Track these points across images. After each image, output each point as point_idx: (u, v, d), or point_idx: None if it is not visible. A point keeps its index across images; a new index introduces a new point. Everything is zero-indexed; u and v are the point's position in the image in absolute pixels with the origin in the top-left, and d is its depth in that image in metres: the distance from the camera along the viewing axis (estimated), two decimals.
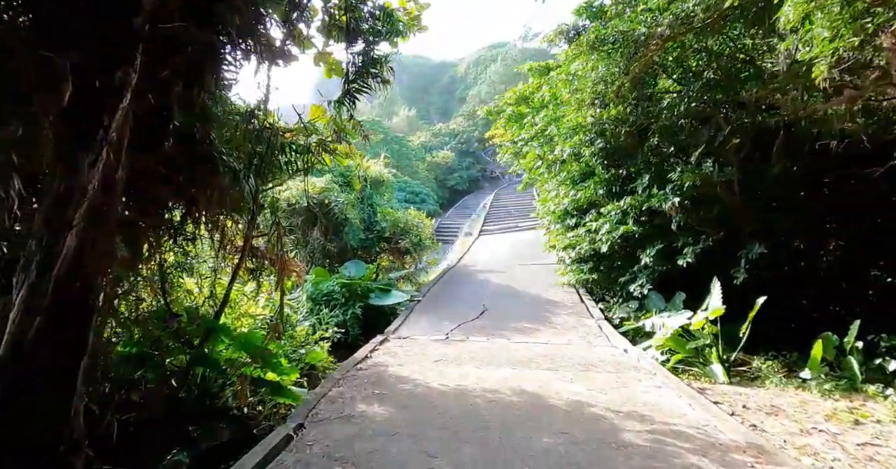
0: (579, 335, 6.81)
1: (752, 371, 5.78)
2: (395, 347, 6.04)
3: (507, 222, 22.42)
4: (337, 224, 10.41)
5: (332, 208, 10.00)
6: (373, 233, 11.88)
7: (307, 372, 6.45)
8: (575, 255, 8.79)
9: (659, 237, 7.12)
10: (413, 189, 26.44)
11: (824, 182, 6.27)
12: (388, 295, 9.33)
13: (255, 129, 3.80)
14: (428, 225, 13.75)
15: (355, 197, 11.26)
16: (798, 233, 6.25)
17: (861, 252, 6.16)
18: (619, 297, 8.43)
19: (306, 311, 8.30)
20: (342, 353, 8.05)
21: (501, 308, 8.87)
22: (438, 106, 63.88)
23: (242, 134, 3.63)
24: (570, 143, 7.03)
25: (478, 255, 16.30)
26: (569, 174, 8.53)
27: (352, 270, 10.12)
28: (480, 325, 7.57)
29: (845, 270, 6.14)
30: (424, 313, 8.83)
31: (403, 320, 8.35)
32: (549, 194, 9.62)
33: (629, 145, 7.07)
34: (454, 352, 5.69)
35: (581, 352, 5.62)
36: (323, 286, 8.79)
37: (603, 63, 5.51)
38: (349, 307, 8.63)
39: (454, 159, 38.29)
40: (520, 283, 11.16)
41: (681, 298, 7.16)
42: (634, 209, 6.97)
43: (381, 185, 12.91)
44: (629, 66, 5.03)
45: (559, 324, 7.55)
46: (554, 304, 9.07)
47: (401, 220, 12.11)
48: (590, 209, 8.50)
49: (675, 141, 6.48)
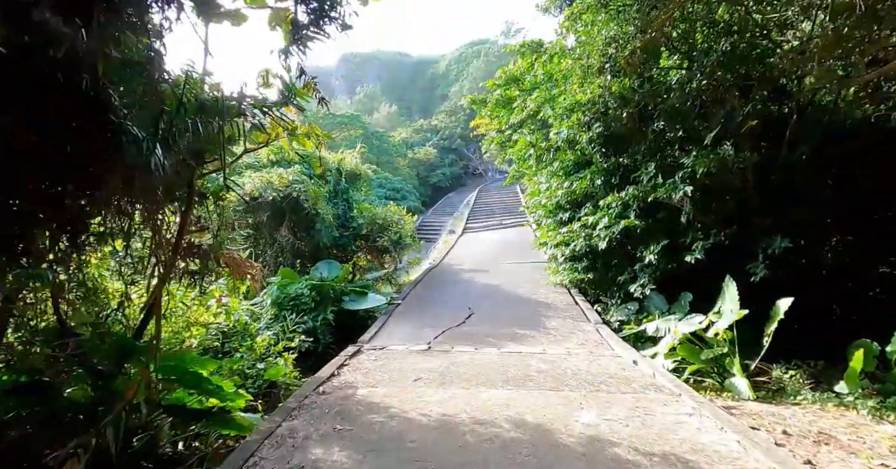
0: (578, 342, 6.06)
1: (773, 383, 5.12)
2: (369, 361, 5.18)
3: (491, 219, 21.69)
4: (307, 220, 9.45)
5: (301, 202, 9.04)
6: (348, 230, 10.95)
7: (267, 390, 5.56)
8: (569, 253, 8.06)
9: (664, 232, 6.42)
10: (394, 185, 25.51)
11: (848, 169, 5.66)
12: (364, 298, 8.45)
13: (164, 83, 2.89)
14: (409, 221, 12.88)
15: (328, 190, 10.31)
16: (821, 225, 5.62)
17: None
18: (618, 299, 7.73)
19: (270, 318, 7.37)
20: (312, 364, 7.17)
21: (489, 311, 8.08)
22: (420, 103, 63.04)
23: (143, 88, 2.71)
24: (566, 123, 6.25)
25: (462, 254, 15.51)
26: (562, 164, 7.79)
27: (324, 271, 9.19)
28: (467, 332, 6.76)
29: (874, 267, 5.55)
30: (405, 318, 7.98)
31: (381, 326, 7.48)
32: (540, 186, 8.87)
33: (630, 131, 6.35)
34: (438, 366, 4.86)
35: (584, 364, 4.85)
36: (290, 289, 7.86)
37: (614, 22, 4.74)
38: (320, 312, 7.74)
39: (436, 156, 37.42)
40: (508, 283, 10.40)
41: (687, 299, 6.48)
42: (637, 201, 6.25)
43: (358, 178, 11.99)
44: (647, 24, 4.27)
45: (554, 329, 6.80)
46: (546, 306, 8.32)
47: (379, 215, 11.21)
48: (585, 202, 7.78)
49: (684, 124, 5.78)
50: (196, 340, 6.14)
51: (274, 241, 9.38)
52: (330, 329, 7.71)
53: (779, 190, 5.77)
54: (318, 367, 6.06)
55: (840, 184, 5.78)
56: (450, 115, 44.23)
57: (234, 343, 6.19)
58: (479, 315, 7.88)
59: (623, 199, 6.33)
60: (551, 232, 8.72)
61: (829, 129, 5.74)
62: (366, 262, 12.59)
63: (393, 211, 12.07)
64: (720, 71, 5.27)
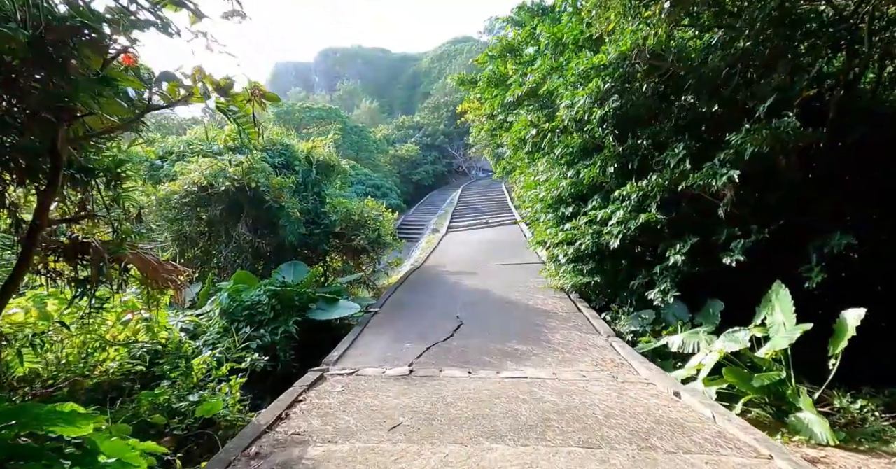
0: (593, 362, 4.97)
1: (838, 414, 4.12)
2: (332, 395, 3.98)
3: (477, 218, 20.61)
4: (270, 215, 8.16)
5: (261, 194, 7.75)
6: (319, 227, 9.68)
7: (199, 431, 4.32)
8: (572, 253, 6.99)
9: (692, 228, 5.40)
10: (374, 182, 24.22)
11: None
12: (334, 306, 7.22)
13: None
14: (389, 218, 11.66)
15: (295, 181, 9.03)
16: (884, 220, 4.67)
17: None
18: (629, 306, 6.69)
19: (218, 332, 6.09)
20: (270, 387, 5.97)
21: (481, 321, 6.95)
22: (401, 101, 61.80)
23: None
24: (581, 91, 5.15)
25: (447, 254, 14.35)
26: (566, 150, 6.71)
27: (288, 275, 7.92)
28: (456, 348, 5.61)
29: None
30: (382, 329, 6.78)
31: (354, 340, 6.28)
32: (539, 177, 7.78)
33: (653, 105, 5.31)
34: (422, 402, 3.70)
35: (613, 397, 3.75)
36: (245, 296, 6.59)
37: None
38: (281, 324, 6.50)
39: (419, 153, 36.22)
40: (499, 287, 9.29)
41: (717, 308, 5.47)
42: (661, 191, 5.21)
43: (332, 169, 10.71)
44: None
45: (560, 344, 5.70)
46: (545, 314, 7.23)
47: (355, 211, 9.97)
48: (593, 194, 6.72)
49: (721, 96, 4.75)
50: (116, 363, 4.87)
51: (230, 240, 8.05)
52: (293, 344, 6.49)
53: (831, 178, 4.80)
54: (278, 391, 4.89)
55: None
56: (433, 111, 43.12)
57: (165, 366, 4.94)
58: (470, 325, 6.75)
59: (644, 189, 5.28)
60: (550, 229, 7.65)
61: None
62: (341, 263, 11.34)
63: (371, 206, 10.84)
64: (771, 29, 4.24)
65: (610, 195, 6.35)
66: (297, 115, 27.39)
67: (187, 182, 7.14)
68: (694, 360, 4.92)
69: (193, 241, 8.31)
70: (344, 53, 73.81)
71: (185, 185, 7.13)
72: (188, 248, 8.43)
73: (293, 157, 9.61)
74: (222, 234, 8.13)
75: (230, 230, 8.11)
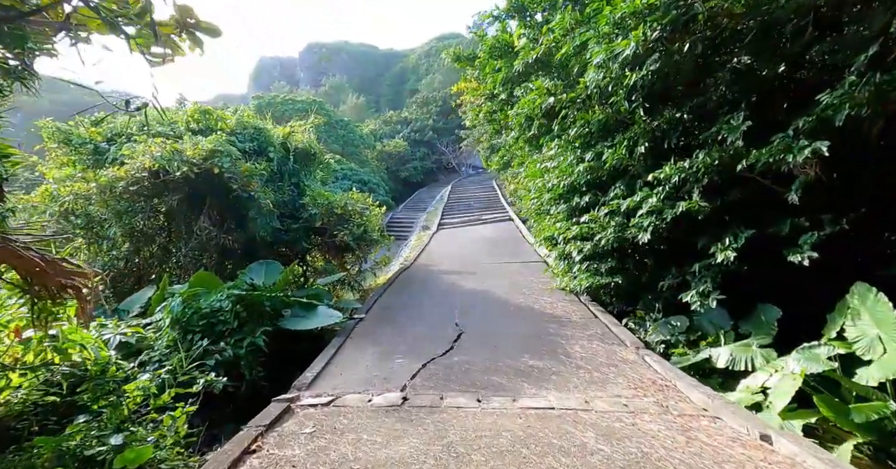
0: (629, 383, 4.01)
1: None
2: (299, 440, 2.95)
3: (469, 214, 19.62)
4: (237, 207, 7.06)
5: (227, 182, 6.64)
6: (297, 221, 8.58)
7: None
8: (589, 250, 6.03)
9: (744, 219, 4.47)
10: (360, 177, 23.10)
11: None
12: (312, 313, 6.16)
13: None
14: (377, 213, 10.59)
15: (269, 169, 7.92)
16: None
17: None
18: (656, 312, 5.76)
19: (166, 347, 5.01)
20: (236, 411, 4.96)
21: (484, 329, 5.96)
22: (389, 97, 60.74)
23: None
24: (624, 42, 4.11)
25: (439, 252, 13.34)
26: (582, 130, 5.74)
27: (259, 275, 6.83)
28: (458, 366, 4.61)
29: None
30: (368, 340, 5.75)
31: (333, 355, 5.25)
32: (546, 164, 6.81)
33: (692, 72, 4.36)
34: (421, 454, 2.69)
35: (679, 445, 2.79)
36: (203, 302, 5.50)
37: None
38: (246, 335, 5.44)
39: (407, 149, 35.10)
40: (500, 287, 8.31)
41: (772, 316, 4.55)
42: (709, 173, 4.27)
43: (312, 158, 9.61)
44: None
45: (583, 358, 4.74)
46: (557, 320, 6.27)
47: (337, 204, 8.88)
48: (614, 181, 5.77)
49: (789, 53, 3.82)
50: (23, 393, 3.80)
51: (191, 236, 6.92)
52: (261, 358, 5.43)
53: None
54: (242, 416, 3.93)
55: None
56: (421, 106, 42.05)
57: (87, 396, 3.87)
58: (471, 335, 5.75)
59: (687, 171, 4.33)
60: (561, 223, 6.68)
61: None
62: (323, 262, 10.24)
63: (356, 199, 9.76)
64: None
65: (636, 181, 5.42)
66: (278, 107, 26.08)
67: (135, 167, 6.00)
68: (751, 380, 3.99)
69: (150, 238, 7.16)
70: (330, 49, 72.38)
71: (133, 170, 5.99)
72: (143, 245, 7.28)
73: (267, 142, 8.49)
74: (182, 229, 7.00)
75: (191, 223, 6.97)
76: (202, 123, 7.84)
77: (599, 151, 5.69)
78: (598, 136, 5.74)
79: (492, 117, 8.62)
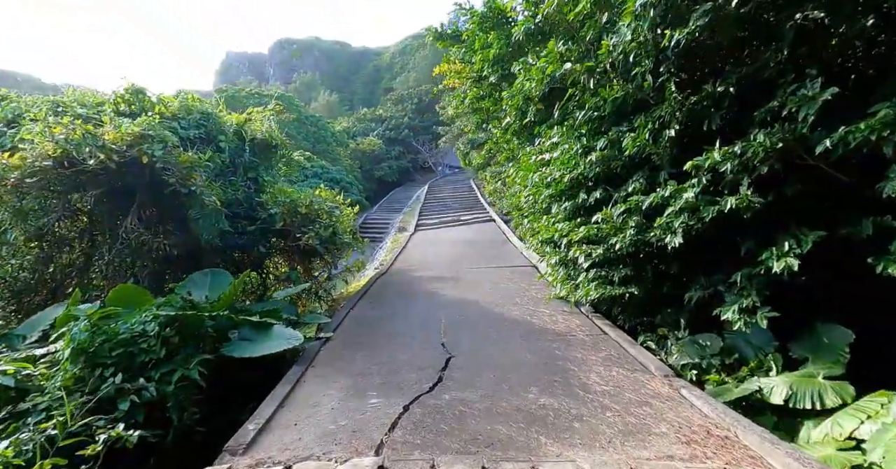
0: (676, 434, 3.06)
1: None
2: None
3: (448, 215, 18.62)
4: (176, 205, 5.82)
5: (160, 174, 5.41)
6: (255, 222, 7.36)
7: None
8: (599, 255, 5.10)
9: (803, 216, 3.61)
10: (332, 176, 21.78)
11: None
12: (264, 335, 5.00)
13: None
14: (349, 213, 9.45)
15: (217, 160, 6.70)
16: None
17: None
18: (682, 328, 4.88)
19: (60, 388, 3.79)
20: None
21: (476, 352, 4.94)
22: (362, 96, 59.43)
23: None
24: None
25: (417, 256, 12.27)
26: (593, 113, 4.82)
27: (201, 287, 5.62)
28: (450, 408, 3.56)
29: None
30: (335, 370, 4.65)
31: (288, 394, 4.12)
32: (544, 156, 5.87)
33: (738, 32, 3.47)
34: None
35: None
36: (121, 326, 4.30)
37: None
38: (177, 366, 4.26)
39: (382, 147, 33.84)
40: (489, 297, 7.32)
41: (842, 339, 3.70)
42: (768, 159, 3.38)
43: (273, 150, 8.40)
44: None
45: (605, 393, 3.78)
46: (561, 338, 5.32)
47: (302, 202, 7.70)
48: (631, 174, 4.85)
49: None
50: None
51: (116, 239, 5.65)
52: (197, 395, 4.27)
53: None
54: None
55: None
56: (397, 103, 40.91)
57: None
58: (462, 359, 4.73)
59: (740, 158, 3.43)
60: (563, 224, 5.73)
61: None
62: (287, 268, 9.01)
63: (324, 196, 8.60)
64: None
65: (659, 173, 4.52)
66: (243, 101, 24.43)
67: (34, 154, 4.71)
68: (831, 427, 3.12)
69: (62, 243, 5.84)
70: (300, 45, 70.43)
71: (31, 158, 4.71)
72: (57, 252, 5.95)
73: (218, 130, 7.25)
74: (104, 230, 5.72)
75: (116, 224, 5.70)
76: (135, 106, 6.54)
77: (613, 138, 4.77)
78: (611, 121, 4.82)
79: (478, 105, 7.62)
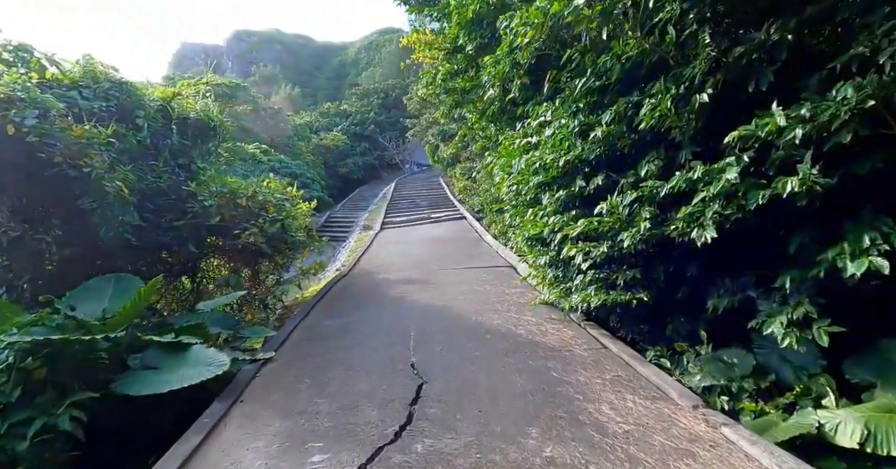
0: None
1: None
2: None
3: (416, 213, 17.55)
4: (65, 191, 4.52)
5: (39, 151, 4.12)
6: (184, 216, 6.08)
7: None
8: (601, 254, 4.20)
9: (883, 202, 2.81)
10: (292, 170, 20.29)
11: None
12: (178, 361, 3.82)
13: None
14: (304, 208, 8.24)
15: (132, 137, 5.40)
16: None
17: None
18: (702, 343, 4.03)
19: None
20: None
21: (455, 375, 3.94)
22: (326, 91, 57.54)
23: None
24: None
25: (383, 256, 11.16)
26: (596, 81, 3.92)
27: (100, 298, 4.35)
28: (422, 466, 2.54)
29: None
30: (269, 410, 3.53)
31: (193, 452, 2.98)
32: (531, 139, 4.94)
33: None
34: None
35: None
36: None
37: None
38: (38, 413, 3.05)
39: (346, 143, 32.34)
40: (465, 302, 6.33)
41: None
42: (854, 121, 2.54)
43: (212, 134, 7.11)
44: None
45: (631, 438, 2.86)
46: (556, 355, 4.39)
47: (242, 192, 6.47)
48: (643, 154, 3.97)
49: None
50: None
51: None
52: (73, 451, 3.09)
53: None
54: None
55: None
56: (362, 98, 39.46)
57: None
58: (437, 387, 3.71)
59: (811, 121, 2.58)
60: (555, 217, 4.81)
61: None
62: (227, 271, 7.71)
63: (273, 187, 7.37)
64: None
65: (680, 152, 3.65)
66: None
67: None
68: None
69: None
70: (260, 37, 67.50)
71: None
72: None
73: (135, 104, 5.92)
74: None
75: None
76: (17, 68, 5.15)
77: (620, 110, 3.88)
78: (617, 90, 3.93)
79: (451, 84, 6.64)
